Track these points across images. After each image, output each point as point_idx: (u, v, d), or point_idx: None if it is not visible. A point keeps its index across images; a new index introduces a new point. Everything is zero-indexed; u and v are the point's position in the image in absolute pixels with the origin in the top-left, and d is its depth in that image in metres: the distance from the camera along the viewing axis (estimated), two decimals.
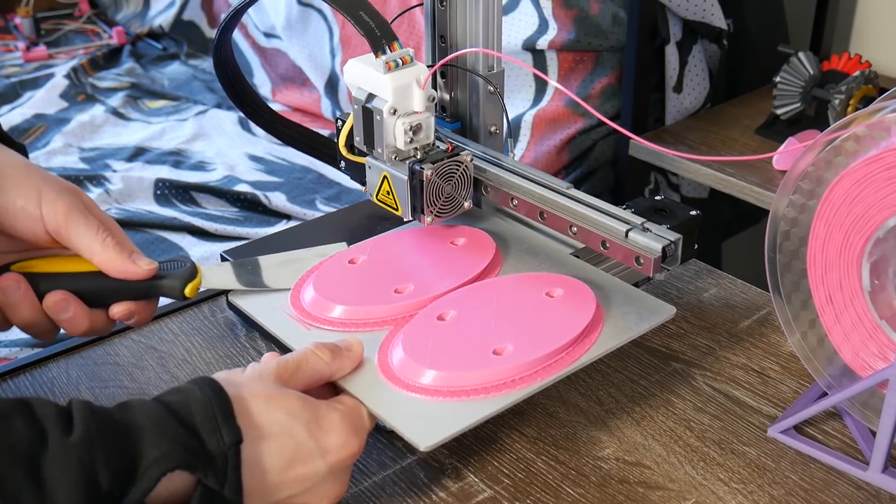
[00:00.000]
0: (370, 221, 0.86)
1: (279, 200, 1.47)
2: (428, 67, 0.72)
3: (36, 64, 2.04)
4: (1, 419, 0.50)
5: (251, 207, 1.47)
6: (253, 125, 1.73)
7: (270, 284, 0.75)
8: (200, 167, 1.59)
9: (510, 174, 0.77)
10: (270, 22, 1.87)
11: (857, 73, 1.39)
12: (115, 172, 1.54)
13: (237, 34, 1.92)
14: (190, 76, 1.97)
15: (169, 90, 1.91)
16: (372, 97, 0.72)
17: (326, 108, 1.78)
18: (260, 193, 1.47)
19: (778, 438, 0.70)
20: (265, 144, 1.67)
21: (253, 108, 0.89)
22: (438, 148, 0.75)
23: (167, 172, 1.56)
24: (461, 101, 0.86)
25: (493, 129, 0.86)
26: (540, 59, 1.48)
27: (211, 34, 2.08)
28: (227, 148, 1.66)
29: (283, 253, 0.78)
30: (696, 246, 0.72)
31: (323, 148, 0.92)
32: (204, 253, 1.34)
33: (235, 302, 0.74)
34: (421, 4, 0.85)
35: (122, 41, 2.13)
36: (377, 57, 0.70)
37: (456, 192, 0.76)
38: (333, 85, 1.76)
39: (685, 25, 1.53)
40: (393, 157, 0.73)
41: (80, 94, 1.87)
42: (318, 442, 0.59)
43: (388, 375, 0.65)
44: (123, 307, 0.69)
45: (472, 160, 0.76)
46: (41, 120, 1.75)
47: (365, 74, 0.72)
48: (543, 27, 1.47)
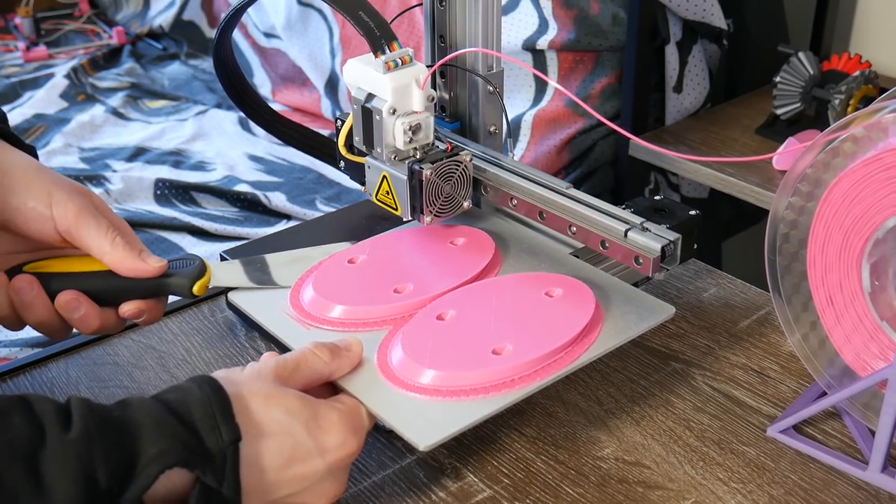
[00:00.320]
0: (370, 221, 0.87)
1: (279, 200, 1.46)
2: (427, 67, 0.72)
3: (36, 64, 2.04)
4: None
5: (251, 207, 1.47)
6: (253, 125, 1.74)
7: (280, 282, 0.75)
8: (200, 167, 1.59)
9: (509, 174, 0.77)
10: (270, 22, 1.86)
11: (857, 73, 1.39)
12: (115, 172, 1.54)
13: (237, 34, 1.92)
14: (190, 76, 1.97)
15: (169, 90, 1.91)
16: (371, 97, 0.72)
17: (326, 108, 1.78)
18: (260, 193, 1.47)
19: (777, 438, 0.70)
20: (265, 144, 1.67)
21: (253, 107, 0.89)
22: (438, 148, 0.75)
23: (167, 172, 1.56)
24: (461, 101, 0.85)
25: (492, 128, 0.86)
26: (540, 59, 1.48)
27: (211, 34, 2.08)
28: (227, 148, 1.66)
29: (290, 251, 0.78)
30: (695, 246, 0.72)
31: (323, 148, 0.92)
32: (204, 253, 1.33)
33: (235, 301, 0.74)
34: (420, 4, 0.85)
35: (122, 41, 2.13)
36: (377, 57, 0.70)
37: (455, 191, 0.76)
38: (333, 85, 1.76)
39: (685, 25, 1.53)
40: (392, 156, 0.73)
41: (80, 94, 1.87)
42: (316, 441, 0.59)
43: (387, 375, 0.65)
44: (133, 305, 0.70)
45: (471, 160, 0.76)
46: (41, 120, 1.75)
47: (364, 74, 0.72)
48: (543, 27, 1.47)
